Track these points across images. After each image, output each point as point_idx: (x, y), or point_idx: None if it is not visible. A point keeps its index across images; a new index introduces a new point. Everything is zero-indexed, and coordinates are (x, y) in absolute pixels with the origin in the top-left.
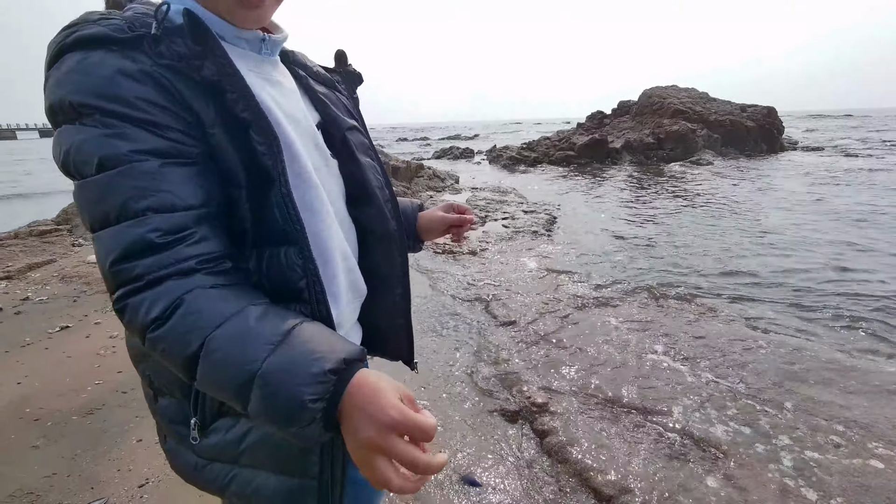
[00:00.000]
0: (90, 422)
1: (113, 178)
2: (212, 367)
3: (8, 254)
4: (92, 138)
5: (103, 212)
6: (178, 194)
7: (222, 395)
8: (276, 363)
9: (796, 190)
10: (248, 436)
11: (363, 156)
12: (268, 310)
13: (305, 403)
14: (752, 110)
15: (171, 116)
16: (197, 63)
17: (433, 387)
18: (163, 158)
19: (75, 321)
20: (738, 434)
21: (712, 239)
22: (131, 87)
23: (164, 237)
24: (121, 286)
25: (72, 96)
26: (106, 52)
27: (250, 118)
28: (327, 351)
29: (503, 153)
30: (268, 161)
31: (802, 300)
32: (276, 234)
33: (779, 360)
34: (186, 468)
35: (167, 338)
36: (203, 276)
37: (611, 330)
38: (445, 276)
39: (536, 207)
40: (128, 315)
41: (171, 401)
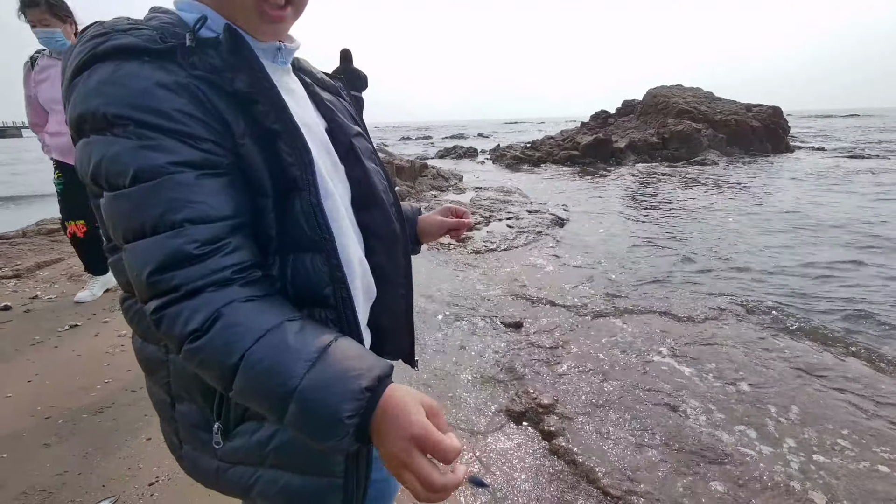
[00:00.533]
0: (100, 420)
1: (149, 189)
2: (251, 380)
3: (17, 252)
4: (126, 150)
5: (139, 223)
6: (213, 205)
7: (258, 407)
8: (315, 380)
9: (799, 195)
10: (273, 438)
11: (369, 161)
12: (304, 325)
13: (343, 420)
14: (758, 110)
15: (205, 128)
16: (230, 76)
17: (438, 387)
18: (198, 170)
19: (84, 320)
20: (744, 436)
21: (718, 239)
22: (167, 98)
23: (202, 248)
24: (158, 296)
25: (105, 107)
26: (140, 63)
27: (281, 129)
28: (363, 369)
29: (507, 152)
30: (296, 171)
31: (811, 304)
32: (301, 242)
33: (785, 363)
34: (207, 473)
35: (206, 349)
36: (239, 287)
37: (617, 331)
38: (449, 277)
39: (541, 207)
40: (165, 325)
41: (191, 407)
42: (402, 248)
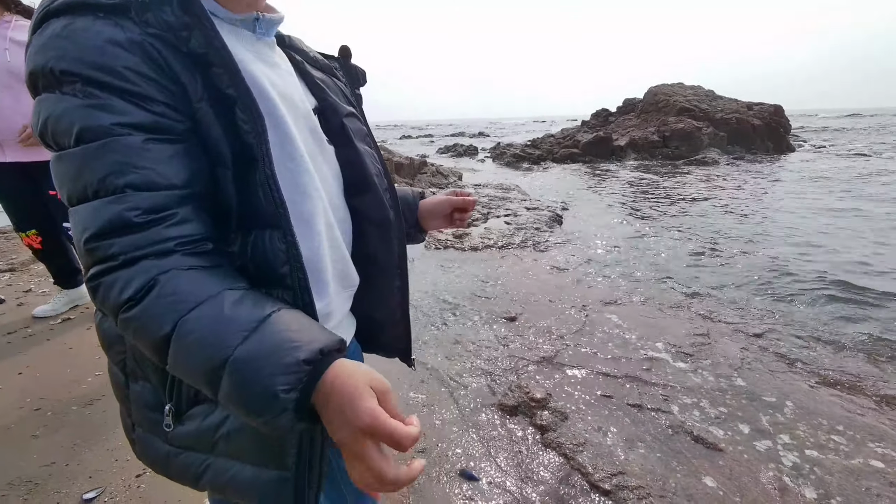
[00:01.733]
0: (89, 412)
1: (93, 151)
2: (183, 350)
3: (12, 246)
4: (73, 108)
5: (82, 186)
6: (161, 172)
7: (192, 380)
8: (249, 350)
9: (804, 192)
10: (224, 424)
11: (361, 143)
12: (245, 295)
13: (277, 393)
14: (759, 108)
15: (159, 89)
16: (185, 34)
17: (431, 381)
18: (147, 134)
19: (77, 313)
20: (737, 433)
21: (715, 238)
22: (118, 55)
23: (143, 216)
24: (95, 264)
25: (54, 63)
26: (93, 18)
27: (235, 94)
28: (303, 340)
29: (507, 150)
30: (252, 139)
31: (803, 299)
32: (262, 217)
33: (779, 360)
34: (157, 458)
35: (140, 318)
36: (181, 257)
37: (612, 326)
38: (445, 272)
39: (539, 205)
40: (101, 294)
41: (145, 386)
42: (397, 236)
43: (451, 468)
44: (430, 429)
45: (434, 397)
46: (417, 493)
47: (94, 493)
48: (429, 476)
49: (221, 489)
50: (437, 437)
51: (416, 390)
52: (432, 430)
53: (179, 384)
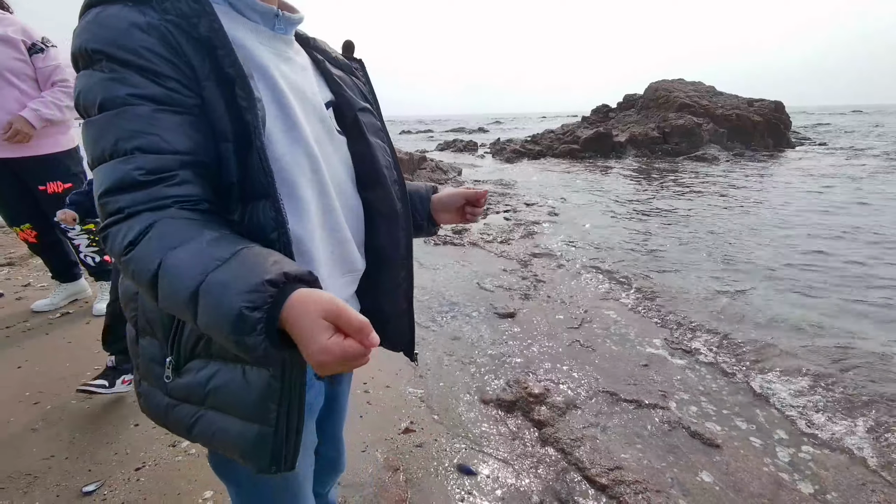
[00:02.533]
0: (88, 406)
1: (110, 118)
2: (167, 284)
3: (10, 240)
4: (98, 82)
5: (100, 149)
6: (167, 139)
7: (177, 311)
8: (220, 276)
9: (804, 187)
10: (213, 378)
11: (373, 137)
12: (223, 235)
13: (241, 310)
14: (760, 104)
15: (171, 67)
16: (195, 21)
17: (430, 376)
18: (157, 105)
19: (75, 307)
20: (734, 428)
21: (714, 234)
22: (138, 37)
23: (147, 176)
24: (106, 216)
25: (87, 44)
26: (122, 6)
27: (234, 74)
28: (270, 265)
29: (506, 146)
30: (248, 116)
31: (806, 291)
32: (258, 189)
33: (780, 354)
34: (158, 409)
35: (135, 259)
36: (177, 209)
37: (610, 322)
38: (445, 268)
39: (539, 200)
40: (109, 242)
41: (151, 341)
42: (404, 228)
43: (450, 463)
44: (429, 423)
45: (432, 392)
46: (416, 487)
47: (93, 486)
48: (427, 470)
49: (209, 441)
50: (435, 432)
51: (415, 385)
52: (431, 425)
53: (179, 338)
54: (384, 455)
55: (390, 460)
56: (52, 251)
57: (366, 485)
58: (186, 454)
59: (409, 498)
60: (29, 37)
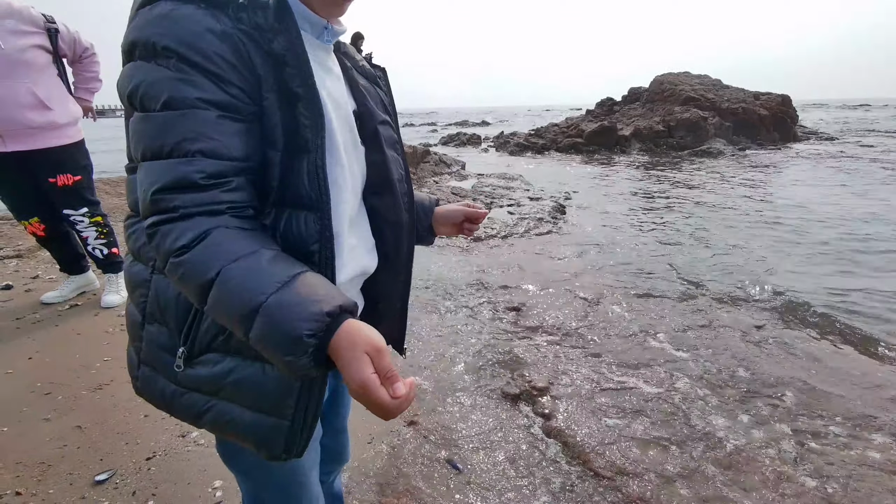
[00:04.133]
0: (99, 397)
1: (175, 118)
2: (224, 294)
3: (18, 233)
4: (165, 79)
5: (159, 145)
6: (227, 145)
7: (227, 320)
8: (281, 299)
9: (805, 182)
10: (233, 373)
11: (390, 149)
12: (279, 254)
13: (302, 336)
14: (766, 98)
15: (238, 75)
16: (270, 36)
17: (434, 369)
18: (221, 111)
19: (84, 299)
20: (738, 422)
21: (719, 232)
22: (211, 42)
23: (206, 179)
24: (157, 213)
25: (158, 38)
26: (196, 7)
27: (303, 93)
28: (327, 297)
29: (510, 139)
30: (308, 133)
31: (814, 295)
32: (300, 199)
33: (781, 349)
34: (161, 395)
35: (188, 263)
36: (229, 217)
37: (614, 317)
38: (449, 261)
39: (543, 195)
40: (157, 239)
41: (161, 329)
42: (408, 237)
43: (456, 455)
44: (432, 414)
45: (437, 385)
46: (421, 480)
47: (105, 475)
48: (431, 463)
49: (220, 428)
50: (440, 424)
51: (420, 377)
52: (434, 416)
53: (195, 331)
54: (389, 446)
55: (396, 452)
56: (59, 244)
57: (371, 476)
58: (196, 444)
59: (415, 490)
60: (40, 24)
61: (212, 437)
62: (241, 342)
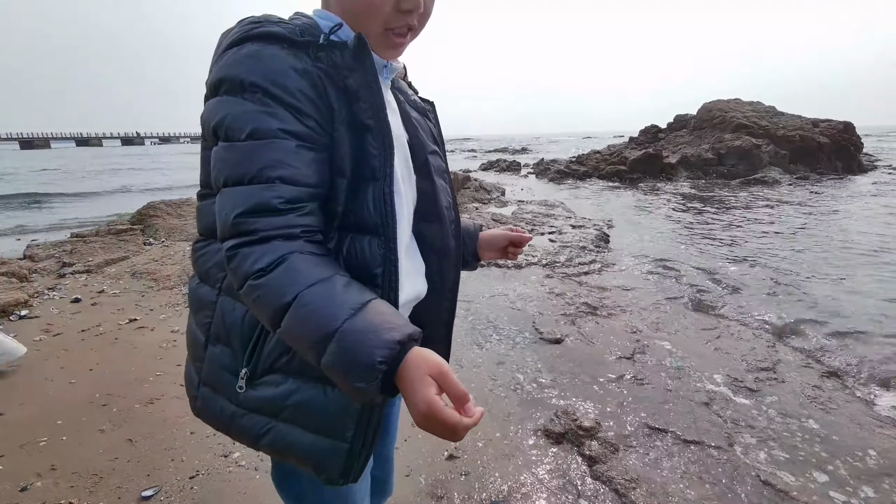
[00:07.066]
0: (150, 411)
1: (258, 147)
2: (299, 318)
3: (89, 249)
4: (250, 112)
5: (241, 172)
6: (304, 172)
7: (300, 344)
8: (355, 325)
9: (876, 217)
10: (295, 394)
11: (439, 178)
12: (351, 281)
13: (375, 363)
14: (826, 125)
15: (315, 108)
16: (345, 73)
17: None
18: (300, 141)
19: (142, 315)
20: (810, 480)
21: (772, 263)
22: (294, 78)
23: (285, 204)
24: (237, 236)
25: (245, 75)
26: (280, 48)
27: (374, 126)
28: (398, 324)
29: (551, 166)
30: (377, 163)
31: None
32: (365, 225)
33: (854, 400)
34: (221, 416)
35: (266, 286)
36: (304, 242)
37: (664, 354)
38: (490, 290)
39: (585, 223)
40: (236, 261)
41: (224, 350)
42: (454, 264)
43: (489, 496)
44: (473, 451)
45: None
46: None
47: (151, 492)
48: (470, 500)
49: (279, 451)
50: (479, 460)
51: None
52: (475, 453)
53: (259, 353)
54: (427, 481)
55: (433, 487)
56: None
57: None
58: (237, 465)
59: None
60: None
61: (253, 459)
62: (304, 363)
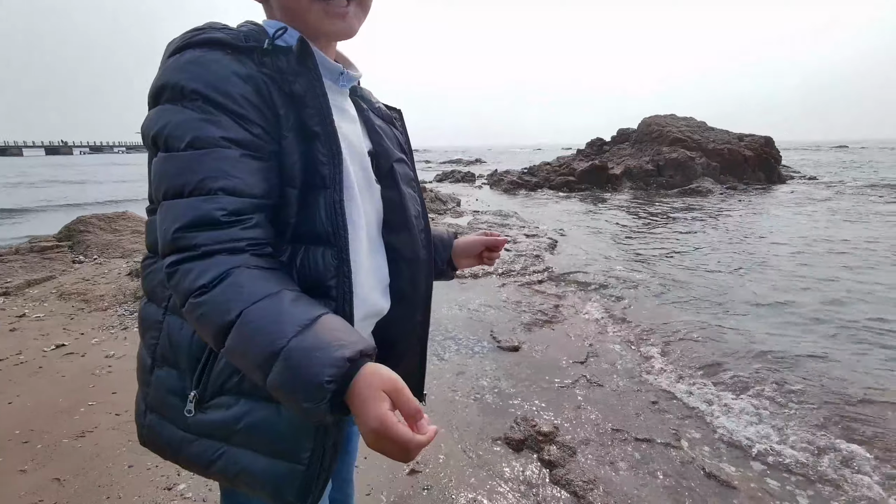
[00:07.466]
0: (81, 445)
1: (199, 156)
2: (244, 336)
3: (7, 269)
4: (190, 120)
5: (181, 184)
6: (248, 183)
7: (245, 363)
8: (302, 343)
9: (799, 222)
10: (247, 416)
11: (406, 186)
12: (300, 296)
13: (323, 383)
14: (750, 139)
15: (260, 115)
16: (291, 78)
17: (434, 414)
18: (243, 150)
19: (72, 339)
20: (750, 469)
21: (707, 264)
22: (236, 84)
23: (228, 217)
24: (177, 251)
25: (186, 82)
26: (223, 53)
27: (321, 132)
28: (349, 341)
29: (504, 177)
30: (326, 170)
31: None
32: (317, 235)
33: (780, 386)
34: (169, 443)
35: (208, 304)
36: (249, 256)
37: (616, 357)
38: (448, 300)
39: (538, 232)
40: (176, 278)
41: (170, 372)
42: (426, 274)
43: None
44: (435, 464)
45: (438, 431)
46: None
47: None
48: None
49: (232, 477)
50: (442, 473)
51: None
52: (437, 466)
53: (208, 374)
54: (389, 499)
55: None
56: None
57: None
58: (183, 498)
59: None
60: None
61: (200, 489)
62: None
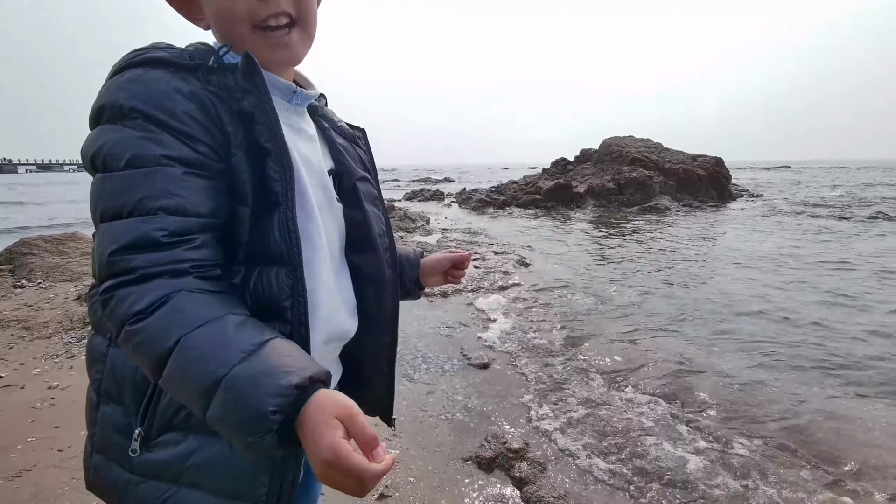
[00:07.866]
0: (17, 486)
1: (138, 175)
2: (182, 365)
3: None
4: (129, 138)
5: (119, 204)
6: (192, 201)
7: (184, 395)
8: (246, 371)
9: (748, 239)
10: (196, 453)
11: (370, 205)
12: (247, 320)
13: (267, 414)
14: (703, 160)
15: (205, 132)
16: (239, 96)
17: (404, 434)
18: (187, 168)
19: (10, 370)
20: (719, 485)
21: (669, 277)
22: (179, 101)
23: (169, 237)
24: (112, 276)
25: (124, 100)
26: (165, 71)
27: (272, 148)
28: (297, 367)
29: (472, 196)
30: (278, 187)
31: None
32: (271, 255)
33: (745, 397)
34: (114, 486)
35: (145, 331)
36: (193, 279)
37: (584, 371)
38: (417, 319)
39: (506, 249)
40: (112, 305)
41: (115, 408)
42: (392, 294)
43: None
44: (405, 486)
45: (407, 452)
46: None
47: None
48: None
49: None
50: (412, 496)
51: (390, 445)
52: (407, 488)
53: (154, 409)
54: None
55: None
56: None
57: None
58: None
59: None
60: None
61: None
62: None
